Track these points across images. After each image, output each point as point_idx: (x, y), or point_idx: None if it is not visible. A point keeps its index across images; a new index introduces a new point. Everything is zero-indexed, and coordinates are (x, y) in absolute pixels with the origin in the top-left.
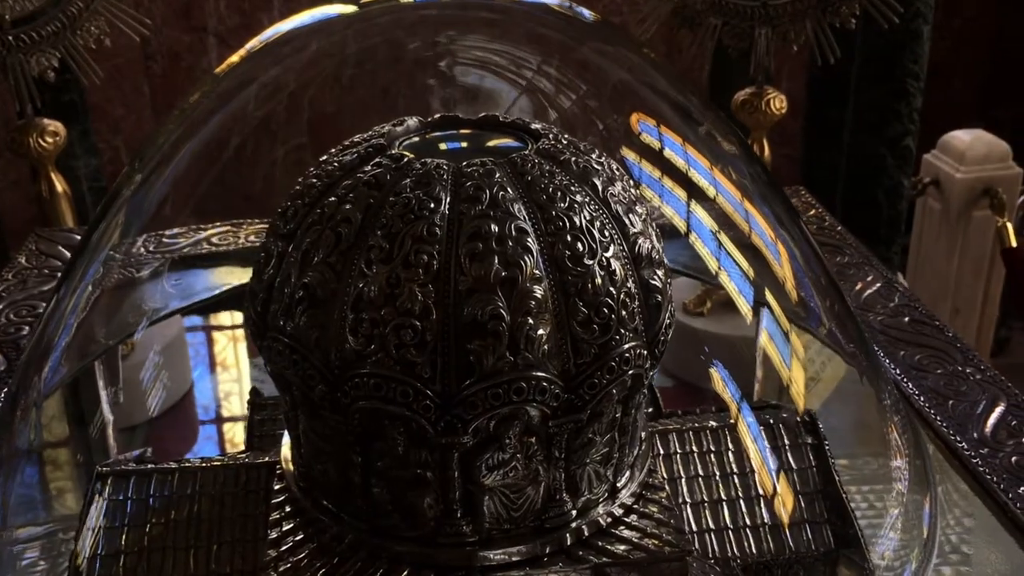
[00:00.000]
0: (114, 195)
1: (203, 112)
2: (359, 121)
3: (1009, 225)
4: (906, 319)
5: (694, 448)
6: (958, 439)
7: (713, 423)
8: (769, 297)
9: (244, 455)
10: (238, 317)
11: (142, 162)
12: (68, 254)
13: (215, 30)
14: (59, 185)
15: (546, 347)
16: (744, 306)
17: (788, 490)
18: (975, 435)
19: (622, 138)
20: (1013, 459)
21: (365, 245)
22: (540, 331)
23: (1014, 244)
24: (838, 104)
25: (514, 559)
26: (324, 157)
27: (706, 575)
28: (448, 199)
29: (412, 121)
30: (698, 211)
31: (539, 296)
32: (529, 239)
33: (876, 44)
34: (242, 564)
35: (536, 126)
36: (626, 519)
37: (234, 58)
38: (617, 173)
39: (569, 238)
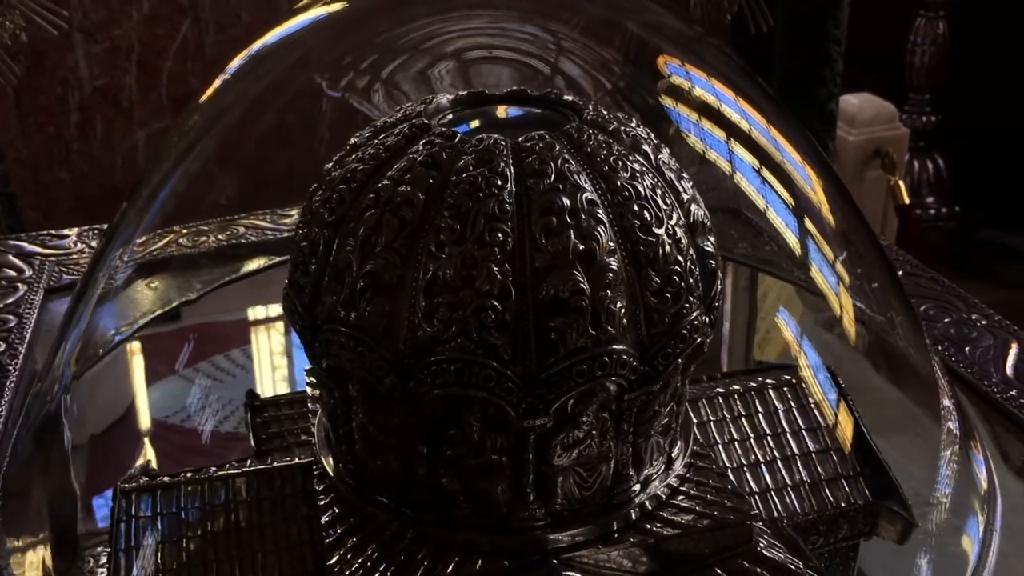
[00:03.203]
0: (120, 219)
1: (208, 121)
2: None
3: (901, 183)
4: (900, 272)
5: (725, 414)
6: (985, 383)
7: (738, 388)
8: (797, 242)
9: (271, 459)
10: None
11: (145, 184)
12: (21, 263)
13: (80, 25)
14: None
15: (624, 320)
16: (792, 243)
17: (820, 447)
18: (998, 377)
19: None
20: None
21: (433, 227)
22: (619, 303)
23: (907, 201)
24: (761, 72)
25: (584, 539)
26: (354, 140)
27: (761, 537)
28: (513, 174)
29: (443, 99)
30: (738, 151)
31: (615, 268)
32: (599, 211)
33: (799, 11)
34: (291, 570)
35: (567, 98)
36: (683, 489)
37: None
38: (657, 141)
39: (636, 207)
